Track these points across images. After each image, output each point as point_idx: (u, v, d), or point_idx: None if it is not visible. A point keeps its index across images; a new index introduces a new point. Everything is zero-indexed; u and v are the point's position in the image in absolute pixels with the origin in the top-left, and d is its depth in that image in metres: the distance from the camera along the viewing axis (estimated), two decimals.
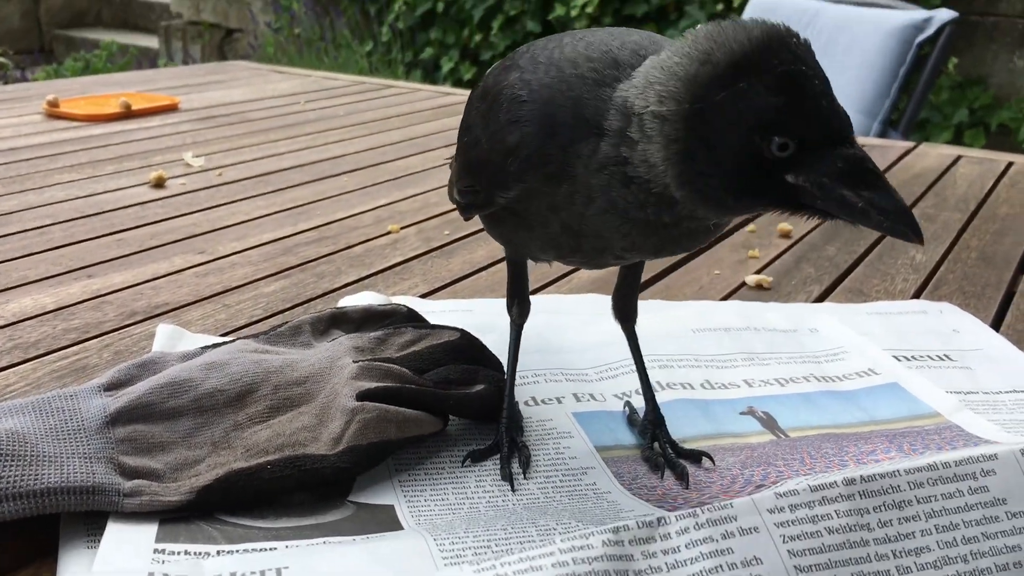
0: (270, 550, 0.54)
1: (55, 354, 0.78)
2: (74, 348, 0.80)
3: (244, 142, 1.59)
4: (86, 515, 0.55)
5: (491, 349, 0.74)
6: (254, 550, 0.54)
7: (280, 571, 0.51)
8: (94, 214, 1.18)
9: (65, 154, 1.48)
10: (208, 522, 0.56)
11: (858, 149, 0.47)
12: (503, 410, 0.67)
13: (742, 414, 0.74)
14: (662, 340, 0.83)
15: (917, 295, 1.01)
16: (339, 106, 1.94)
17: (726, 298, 0.97)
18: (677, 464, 0.65)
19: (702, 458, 0.67)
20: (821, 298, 0.99)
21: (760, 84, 0.46)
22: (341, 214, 1.20)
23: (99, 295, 0.91)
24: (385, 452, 0.63)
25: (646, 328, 0.72)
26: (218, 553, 0.53)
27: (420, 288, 0.96)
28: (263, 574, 0.50)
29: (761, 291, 0.99)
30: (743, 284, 1.01)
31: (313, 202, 1.26)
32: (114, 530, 0.54)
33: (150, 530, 0.55)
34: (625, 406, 0.73)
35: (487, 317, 0.88)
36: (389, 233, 1.14)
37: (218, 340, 0.74)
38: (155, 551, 0.53)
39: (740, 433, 0.71)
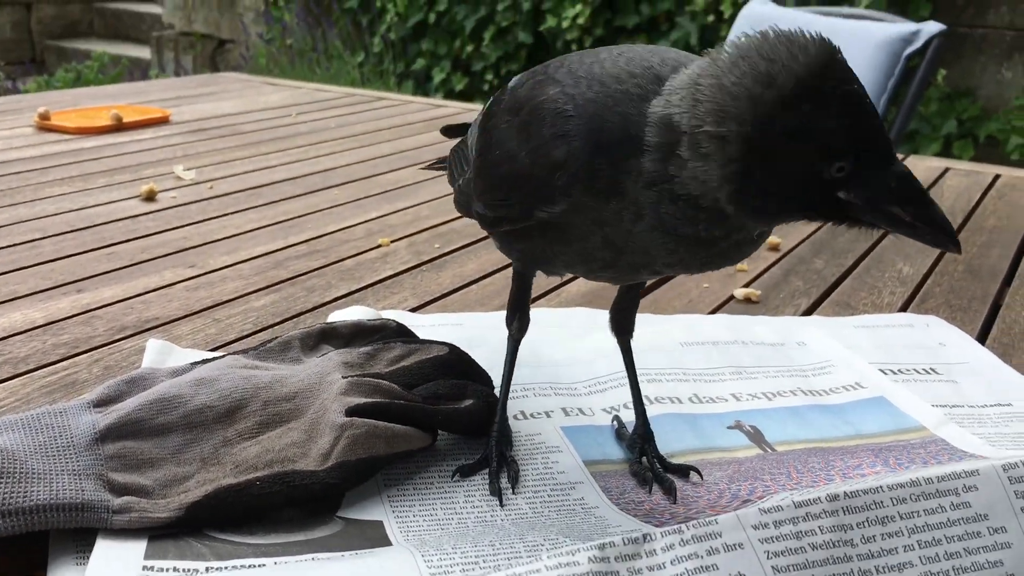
0: (259, 567, 0.54)
1: (45, 369, 0.78)
2: (64, 363, 0.80)
3: (235, 155, 1.59)
4: (75, 532, 0.55)
5: (480, 364, 0.75)
6: (243, 567, 0.54)
7: None
8: (84, 228, 1.18)
9: (56, 167, 1.48)
10: (197, 539, 0.56)
11: (903, 166, 0.49)
12: (494, 424, 0.68)
13: (729, 428, 0.75)
14: (651, 354, 0.83)
15: (904, 308, 1.01)
16: (331, 118, 1.95)
17: (714, 311, 0.98)
18: (665, 479, 0.66)
19: (690, 473, 0.67)
20: (809, 311, 0.99)
21: (823, 107, 0.47)
22: (332, 227, 1.21)
23: (89, 310, 0.91)
24: (374, 468, 0.63)
25: (635, 341, 0.73)
26: (207, 570, 0.53)
27: (410, 302, 0.97)
28: None
29: (749, 304, 1.00)
30: (731, 297, 1.01)
31: (304, 215, 1.26)
32: (103, 547, 0.54)
33: (139, 547, 0.55)
34: (613, 420, 0.73)
35: (477, 331, 0.88)
36: (380, 247, 1.14)
37: (208, 356, 0.74)
38: (144, 568, 0.53)
39: (727, 447, 0.72)
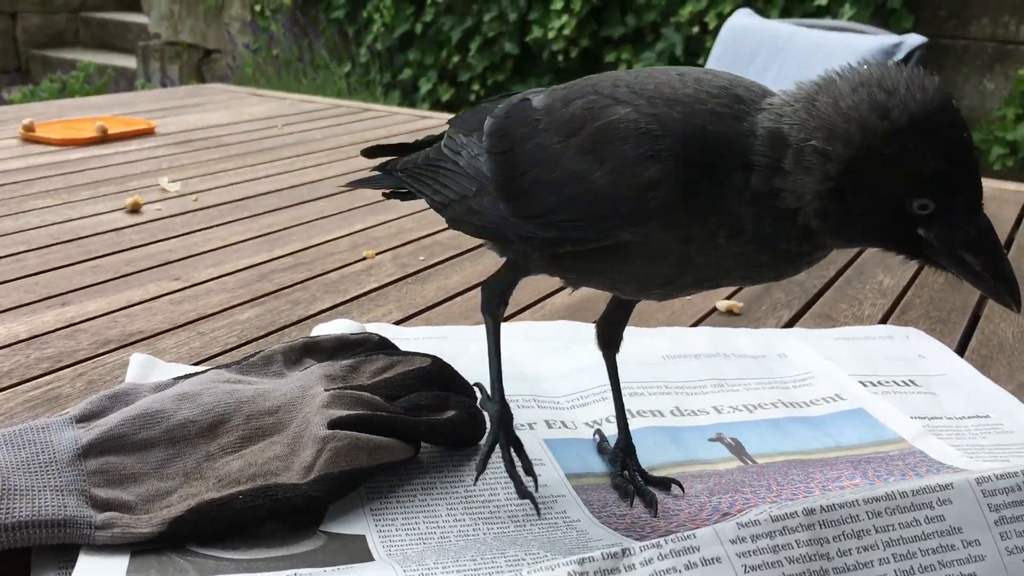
0: None
1: (28, 384, 0.78)
2: (47, 377, 0.80)
3: (221, 166, 1.60)
4: (57, 548, 0.56)
5: (463, 375, 0.75)
6: None
7: None
8: (69, 240, 1.18)
9: (40, 179, 1.48)
10: (179, 554, 0.56)
11: (986, 219, 0.51)
12: (496, 405, 0.68)
13: (711, 440, 0.76)
14: (633, 367, 0.84)
15: (885, 320, 1.02)
16: (317, 129, 1.95)
17: (697, 324, 0.98)
18: (646, 492, 0.66)
19: (671, 485, 0.68)
20: (791, 323, 1.00)
21: (928, 147, 0.49)
22: (317, 239, 1.21)
23: (73, 323, 0.91)
24: (357, 480, 0.63)
25: (618, 354, 0.73)
26: None
27: (394, 315, 0.97)
28: None
29: (732, 316, 1.01)
30: (714, 310, 1.02)
31: (290, 227, 1.26)
32: (85, 562, 0.54)
33: (121, 562, 0.55)
34: (595, 434, 0.74)
35: (460, 344, 0.89)
36: (364, 259, 1.14)
37: (191, 370, 0.74)
38: None
39: (709, 460, 0.73)
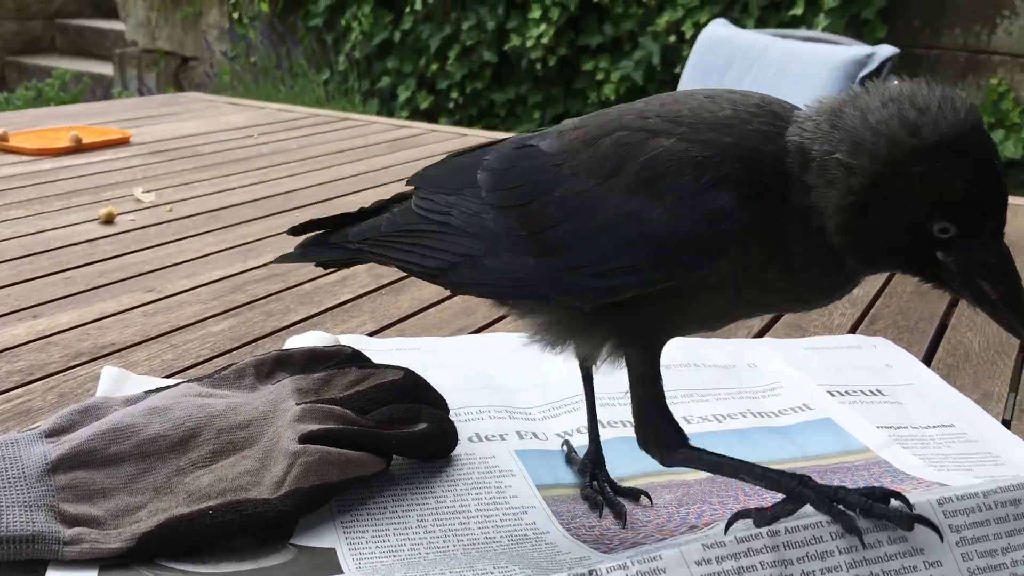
0: None
1: None
2: (18, 391, 0.80)
3: (196, 176, 1.59)
4: (25, 563, 0.55)
5: (436, 388, 0.76)
6: None
7: None
8: (41, 252, 1.18)
9: (13, 189, 1.47)
10: (149, 568, 0.57)
11: (1005, 246, 0.51)
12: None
13: None
14: (604, 378, 0.85)
15: (854, 329, 1.04)
16: (293, 139, 1.95)
17: None
18: (615, 503, 0.67)
19: (640, 496, 0.68)
20: (761, 333, 1.01)
21: (956, 170, 0.48)
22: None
23: (45, 336, 0.91)
24: (328, 494, 0.63)
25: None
26: None
27: (368, 326, 0.97)
28: None
29: None
30: None
31: (264, 238, 1.26)
32: None
33: None
34: (563, 445, 0.75)
35: (433, 356, 0.90)
36: (339, 270, 1.14)
37: (162, 384, 0.75)
38: None
39: (677, 470, 0.73)
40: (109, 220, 1.30)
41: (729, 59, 2.62)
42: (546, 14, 4.38)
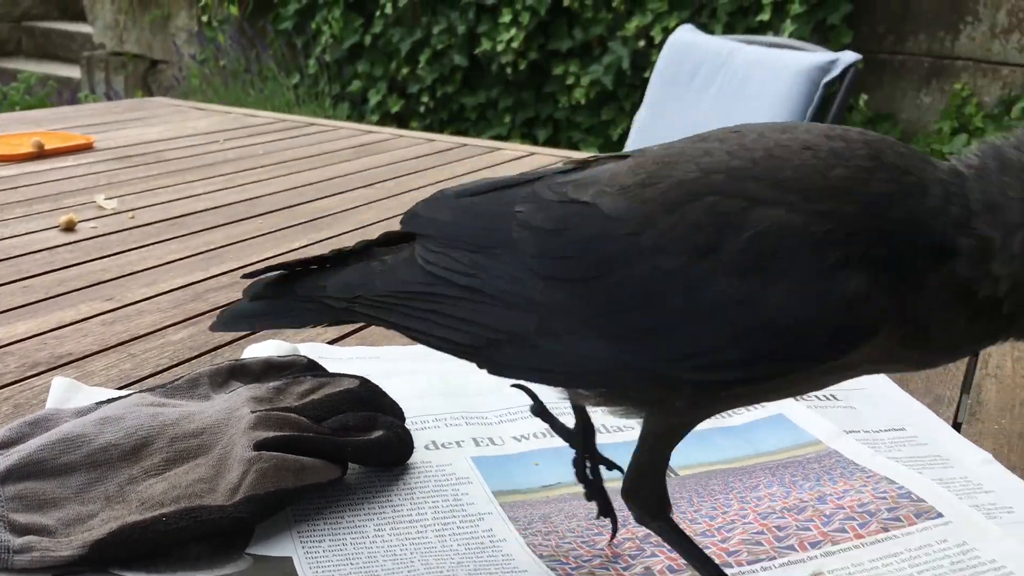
0: None
1: None
2: None
3: (159, 183, 1.58)
4: None
5: (395, 396, 0.76)
6: None
7: None
8: (1, 260, 1.16)
9: None
10: None
11: None
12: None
13: None
14: None
15: None
16: (259, 144, 1.94)
17: None
18: (610, 511, 0.65)
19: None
20: None
21: None
22: (254, 258, 1.21)
23: (1, 345, 0.90)
24: (283, 501, 0.64)
25: None
26: None
27: (328, 334, 0.97)
28: None
29: None
30: None
31: (226, 245, 1.26)
32: None
33: None
34: (533, 406, 0.69)
35: (392, 364, 0.90)
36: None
37: (113, 395, 0.74)
38: None
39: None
40: (70, 227, 1.29)
41: (696, 65, 2.64)
42: (516, 18, 4.39)
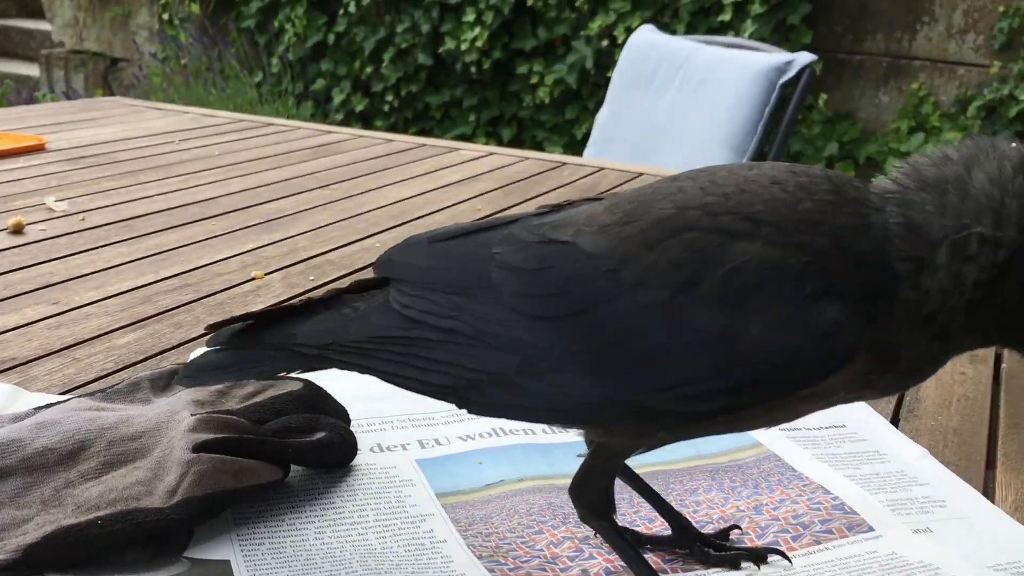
0: None
1: None
2: None
3: (112, 184, 1.57)
4: None
5: (341, 397, 0.76)
6: None
7: None
8: None
9: None
10: None
11: None
12: None
13: (580, 456, 0.78)
14: None
15: None
16: (215, 144, 1.93)
17: None
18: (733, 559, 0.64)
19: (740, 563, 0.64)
20: None
21: None
22: (205, 260, 1.20)
23: None
24: (223, 503, 0.63)
25: None
26: None
27: None
28: None
29: None
30: None
31: (177, 247, 1.25)
32: None
33: None
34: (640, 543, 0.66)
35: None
36: (253, 279, 1.14)
37: (52, 400, 0.74)
38: None
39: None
40: (18, 230, 1.28)
41: (656, 65, 2.66)
42: (480, 17, 4.40)
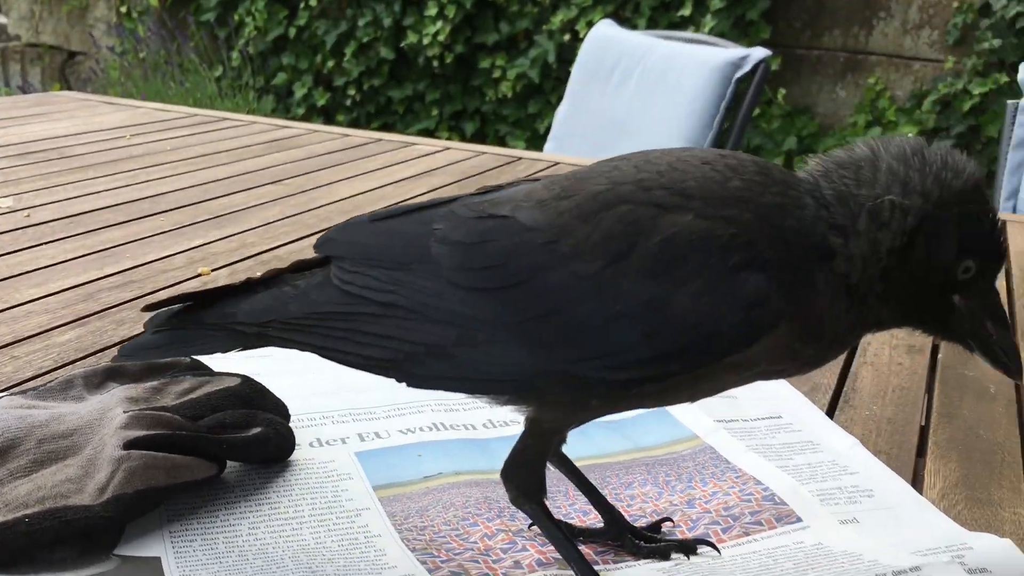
0: None
1: None
2: None
3: (60, 180, 1.55)
4: None
5: (283, 393, 0.76)
6: None
7: None
8: None
9: None
10: None
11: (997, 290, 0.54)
12: None
13: None
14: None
15: None
16: (168, 139, 1.92)
17: None
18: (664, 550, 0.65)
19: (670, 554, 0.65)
20: None
21: (982, 212, 0.53)
22: (152, 256, 1.20)
23: None
24: (155, 500, 0.63)
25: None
26: None
27: None
28: None
29: None
30: None
31: (124, 244, 1.24)
32: None
33: None
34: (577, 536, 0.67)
35: (284, 363, 0.89)
36: (199, 276, 1.14)
37: None
38: None
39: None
40: None
41: (616, 59, 2.67)
42: (442, 11, 4.39)
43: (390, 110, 4.75)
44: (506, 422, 0.82)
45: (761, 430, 0.83)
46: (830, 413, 0.88)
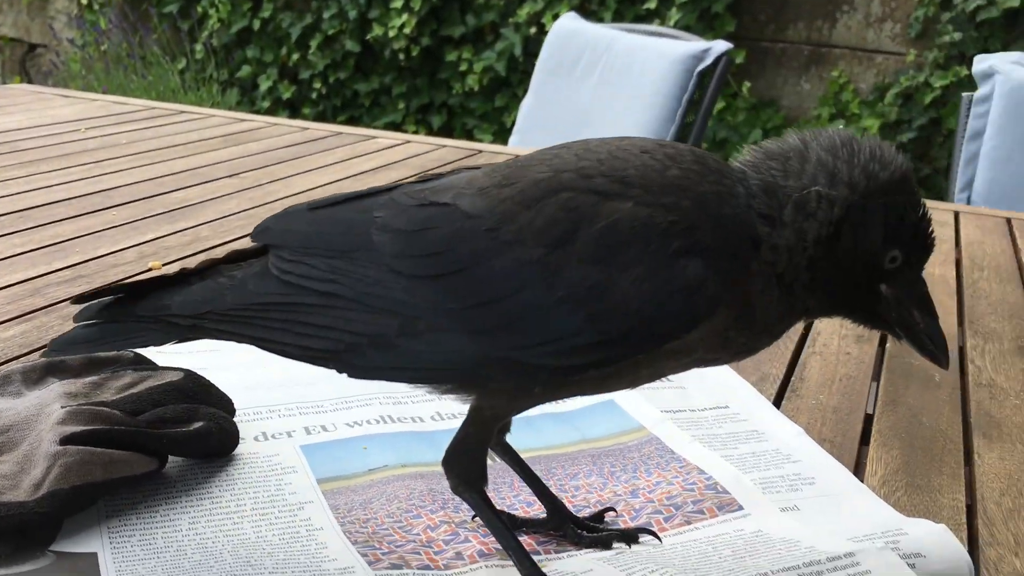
0: None
1: None
2: None
3: (11, 174, 1.53)
4: None
5: (226, 388, 0.76)
6: None
7: None
8: None
9: None
10: None
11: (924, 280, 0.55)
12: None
13: None
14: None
15: None
16: (124, 132, 1.90)
17: None
18: (606, 540, 0.65)
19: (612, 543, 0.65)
20: None
21: (909, 202, 0.53)
22: (103, 251, 1.18)
23: None
24: (92, 496, 0.63)
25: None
26: None
27: None
28: None
29: None
30: None
31: (74, 238, 1.23)
32: None
33: None
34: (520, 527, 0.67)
35: (232, 356, 0.88)
36: (150, 270, 1.13)
37: None
38: None
39: None
40: None
41: (579, 52, 2.68)
42: (408, 4, 4.37)
43: (356, 103, 4.72)
44: (454, 415, 0.82)
45: (708, 420, 0.84)
46: (777, 402, 0.89)
